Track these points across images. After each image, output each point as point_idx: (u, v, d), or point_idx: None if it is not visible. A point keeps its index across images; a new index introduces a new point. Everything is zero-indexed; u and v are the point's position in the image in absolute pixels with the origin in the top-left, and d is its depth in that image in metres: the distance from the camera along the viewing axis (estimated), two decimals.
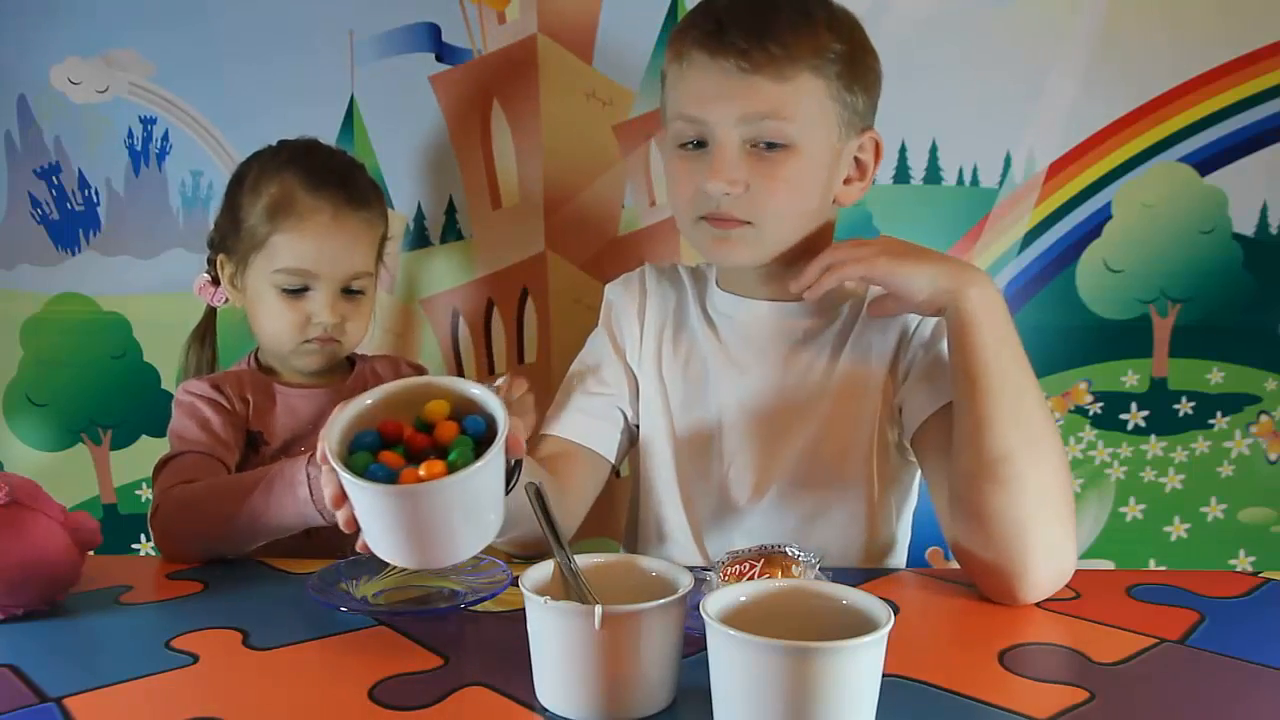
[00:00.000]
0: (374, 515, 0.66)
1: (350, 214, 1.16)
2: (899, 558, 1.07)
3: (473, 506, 0.66)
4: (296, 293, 1.15)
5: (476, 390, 0.70)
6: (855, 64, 0.96)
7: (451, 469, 0.64)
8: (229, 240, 1.19)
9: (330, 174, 1.18)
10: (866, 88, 0.98)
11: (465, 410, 0.70)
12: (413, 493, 0.64)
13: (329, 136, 1.38)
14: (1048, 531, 0.83)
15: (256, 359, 1.24)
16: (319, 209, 1.14)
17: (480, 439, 0.67)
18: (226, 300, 1.24)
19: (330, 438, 0.66)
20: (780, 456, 1.02)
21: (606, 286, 1.14)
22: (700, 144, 0.96)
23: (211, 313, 1.28)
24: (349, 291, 1.17)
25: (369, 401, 0.69)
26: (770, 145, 0.94)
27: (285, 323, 1.15)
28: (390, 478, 0.64)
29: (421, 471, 0.65)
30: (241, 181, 1.19)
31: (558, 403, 1.07)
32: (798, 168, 0.94)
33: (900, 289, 0.90)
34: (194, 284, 1.26)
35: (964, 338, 0.87)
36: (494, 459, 0.65)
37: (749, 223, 0.95)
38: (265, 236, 1.14)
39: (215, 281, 1.23)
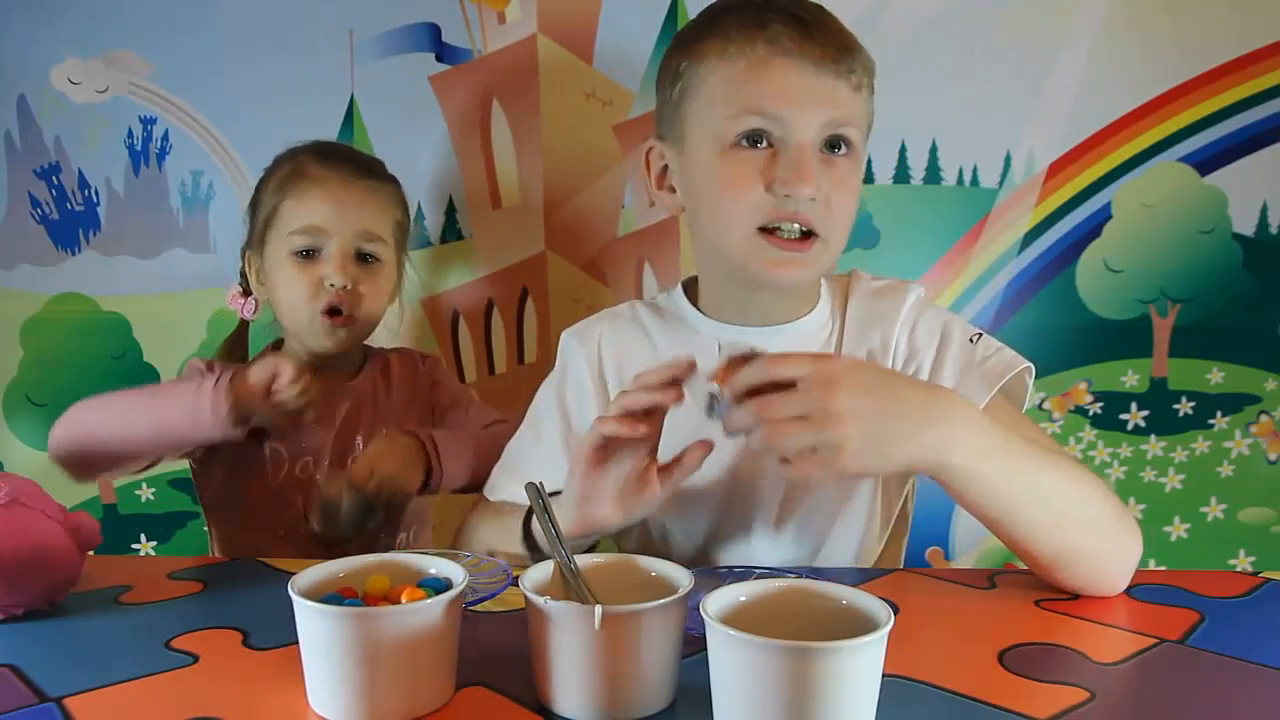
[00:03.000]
0: (337, 647, 0.63)
1: (359, 181, 1.18)
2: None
3: (435, 643, 0.64)
4: (309, 258, 1.16)
5: (434, 567, 0.70)
6: (873, 89, 0.95)
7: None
8: (251, 232, 1.21)
9: (342, 154, 1.20)
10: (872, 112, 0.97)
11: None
12: (384, 613, 0.63)
13: (329, 136, 1.39)
14: (1119, 554, 0.84)
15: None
16: (327, 177, 1.16)
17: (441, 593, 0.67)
18: (256, 311, 1.24)
19: (297, 584, 0.66)
20: (779, 492, 0.99)
21: (562, 335, 1.06)
22: (757, 142, 0.90)
23: (243, 326, 1.28)
24: (363, 258, 1.18)
25: (342, 573, 0.70)
26: (836, 148, 0.91)
27: (298, 289, 1.15)
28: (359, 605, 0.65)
29: (404, 598, 0.65)
30: (261, 178, 1.22)
31: (501, 464, 1.04)
32: (855, 177, 0.93)
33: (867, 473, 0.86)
34: (226, 296, 1.27)
35: (964, 497, 0.80)
36: (456, 597, 0.65)
37: (819, 236, 0.90)
38: (275, 206, 1.17)
39: (246, 292, 1.25)
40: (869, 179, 1.40)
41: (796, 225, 0.89)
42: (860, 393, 0.72)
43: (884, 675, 0.59)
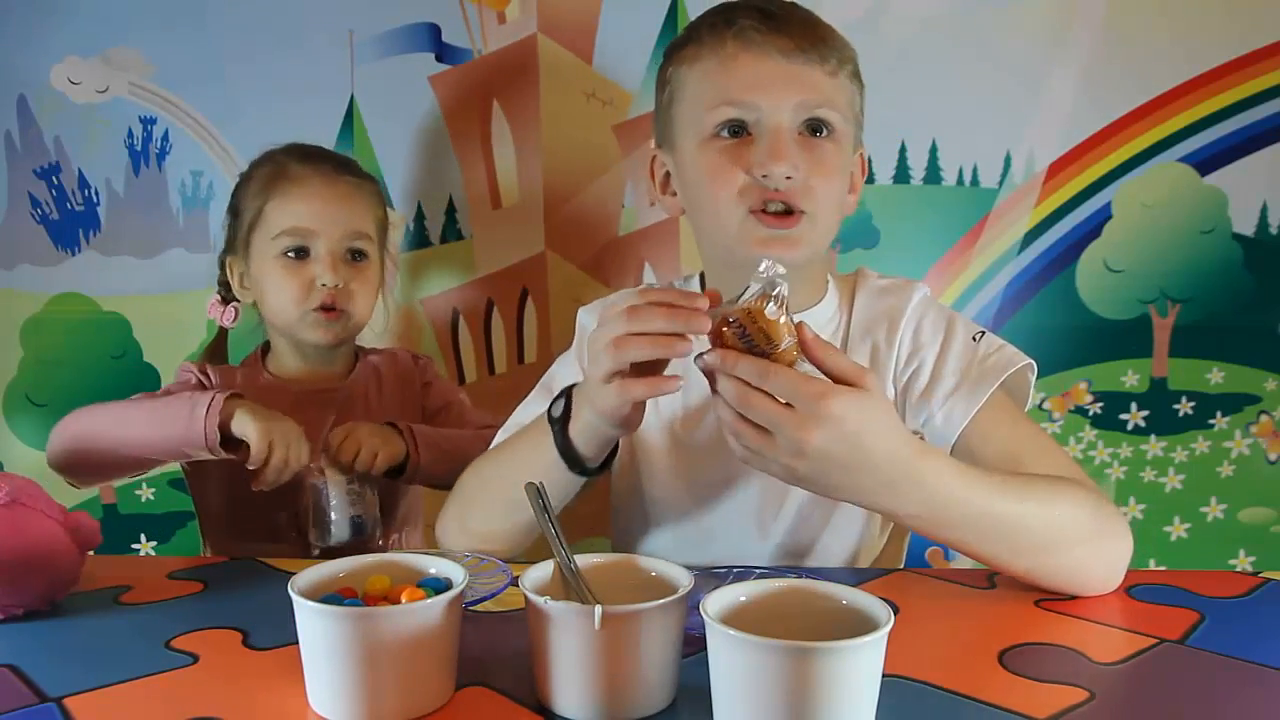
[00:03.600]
0: (337, 647, 0.63)
1: (341, 179, 1.18)
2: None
3: (435, 643, 0.64)
4: (298, 258, 1.16)
5: (435, 567, 0.71)
6: (859, 78, 0.97)
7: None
8: (233, 237, 1.21)
9: (321, 154, 1.21)
10: (863, 100, 0.99)
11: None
12: (384, 613, 0.63)
13: (329, 136, 1.39)
14: (1101, 563, 0.84)
15: (263, 360, 1.25)
16: (310, 175, 1.17)
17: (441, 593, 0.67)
18: (236, 318, 1.25)
19: (297, 584, 0.66)
20: (776, 481, 0.99)
21: (580, 311, 1.08)
22: (738, 133, 0.92)
23: (222, 334, 1.28)
24: (352, 256, 1.18)
25: (342, 574, 0.70)
26: (817, 131, 0.92)
27: (289, 290, 1.16)
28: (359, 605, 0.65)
29: (404, 598, 0.65)
30: (239, 183, 1.22)
31: (507, 426, 1.03)
32: (840, 158, 0.94)
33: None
34: (206, 306, 1.27)
35: (919, 532, 0.81)
36: (456, 597, 0.65)
37: (804, 213, 0.92)
38: (260, 209, 1.17)
39: (224, 300, 1.25)
40: (869, 179, 1.40)
41: (780, 203, 0.91)
42: (835, 443, 0.70)
43: (884, 675, 0.59)
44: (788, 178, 0.90)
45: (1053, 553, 0.82)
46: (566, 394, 0.87)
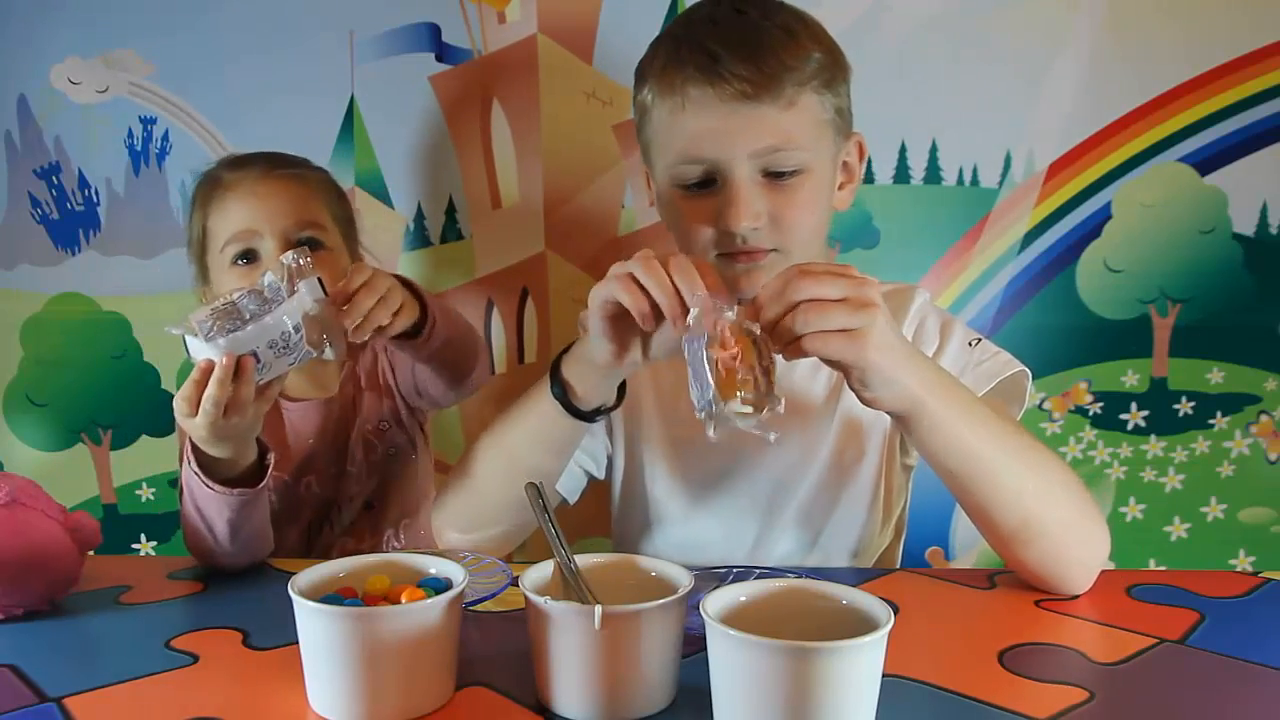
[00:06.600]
0: (337, 647, 0.63)
1: (274, 173, 1.12)
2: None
3: (435, 643, 0.64)
4: (250, 264, 1.09)
5: (435, 567, 0.71)
6: (836, 67, 0.94)
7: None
8: (195, 267, 1.17)
9: (256, 156, 1.15)
10: (846, 88, 0.96)
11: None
12: (384, 613, 0.63)
13: (329, 136, 1.39)
14: (1082, 542, 0.84)
15: None
16: (241, 179, 1.12)
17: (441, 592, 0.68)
18: None
19: (297, 584, 0.66)
20: (790, 481, 1.00)
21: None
22: (705, 183, 0.92)
23: None
24: (305, 246, 1.05)
25: (342, 574, 0.70)
26: (783, 174, 0.91)
27: None
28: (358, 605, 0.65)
29: (404, 598, 0.66)
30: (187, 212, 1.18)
31: None
32: (813, 188, 0.93)
33: (868, 385, 0.75)
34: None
35: (933, 441, 0.79)
36: (456, 597, 0.66)
37: (775, 250, 0.92)
38: (203, 227, 1.12)
39: None
40: (869, 179, 1.39)
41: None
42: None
43: (884, 675, 0.59)
44: (754, 229, 0.90)
45: (1048, 505, 0.82)
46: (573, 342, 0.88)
